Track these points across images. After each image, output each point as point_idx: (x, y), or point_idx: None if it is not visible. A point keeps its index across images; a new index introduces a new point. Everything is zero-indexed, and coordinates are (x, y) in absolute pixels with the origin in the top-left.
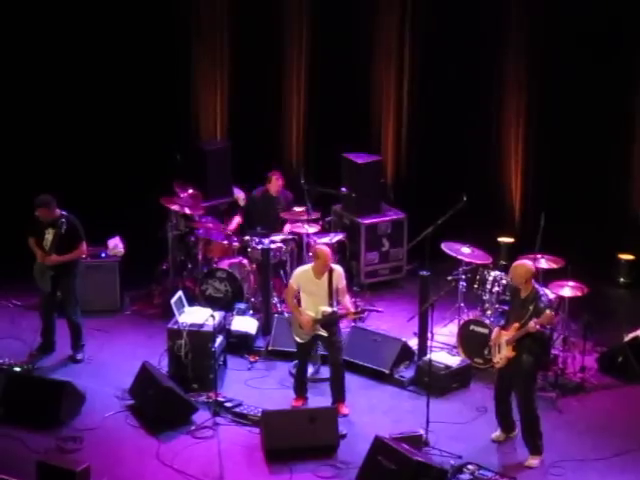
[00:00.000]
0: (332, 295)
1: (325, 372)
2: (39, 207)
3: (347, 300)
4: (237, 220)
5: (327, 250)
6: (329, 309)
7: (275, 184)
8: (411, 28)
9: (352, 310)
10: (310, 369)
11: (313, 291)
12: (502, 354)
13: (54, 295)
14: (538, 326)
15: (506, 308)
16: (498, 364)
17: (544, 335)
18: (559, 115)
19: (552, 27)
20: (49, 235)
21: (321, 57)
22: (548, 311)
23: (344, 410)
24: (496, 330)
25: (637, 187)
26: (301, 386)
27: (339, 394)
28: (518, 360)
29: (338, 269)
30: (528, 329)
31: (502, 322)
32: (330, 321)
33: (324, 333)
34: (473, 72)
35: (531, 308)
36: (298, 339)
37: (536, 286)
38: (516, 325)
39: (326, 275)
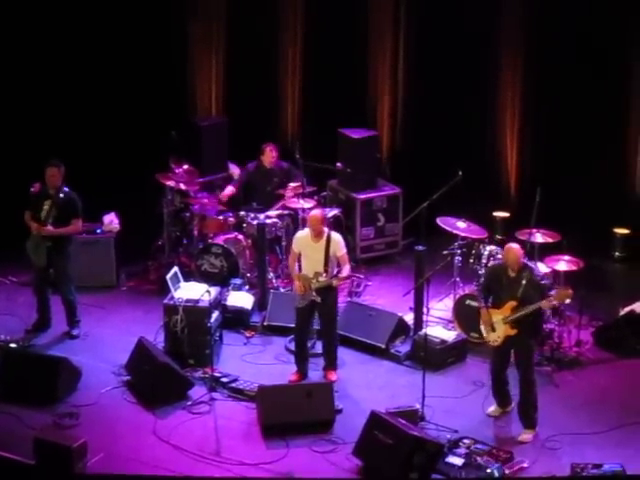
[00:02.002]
0: (328, 260)
1: (321, 347)
2: (51, 166)
3: (346, 269)
4: (230, 189)
5: (318, 214)
6: (322, 273)
7: (269, 155)
8: (407, 3)
9: (342, 275)
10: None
11: (310, 255)
12: (499, 333)
13: (47, 270)
14: (555, 302)
15: None
16: (495, 343)
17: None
18: (555, 90)
19: (549, 4)
20: (46, 206)
21: (317, 32)
22: (563, 289)
23: (331, 376)
24: (484, 311)
25: (632, 161)
26: (299, 360)
27: (328, 362)
28: (518, 336)
29: (336, 237)
30: (542, 306)
31: (483, 303)
32: (323, 286)
33: (317, 299)
34: (469, 48)
35: (524, 282)
36: (296, 304)
37: (524, 261)
38: (513, 303)
39: (324, 240)
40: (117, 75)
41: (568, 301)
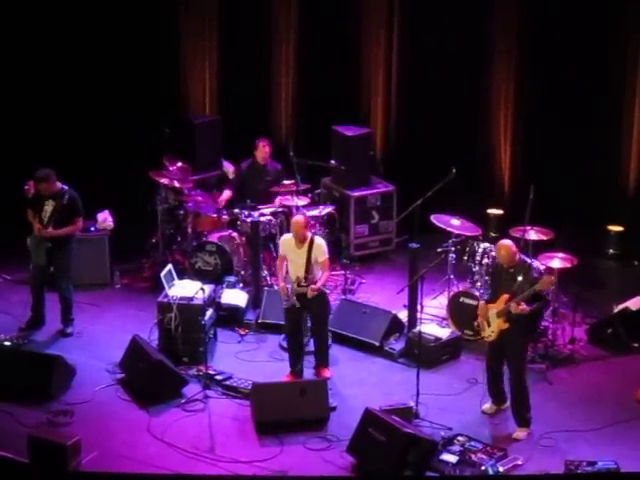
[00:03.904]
0: (309, 266)
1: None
2: (39, 182)
3: (322, 276)
4: (227, 194)
5: (300, 219)
6: (302, 279)
7: (262, 151)
8: (400, 0)
9: (315, 287)
10: None
11: (293, 259)
12: (493, 327)
13: (46, 269)
14: (523, 306)
15: None
16: (490, 337)
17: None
18: (549, 87)
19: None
20: (48, 207)
21: (310, 29)
22: (546, 277)
23: (325, 373)
24: (482, 304)
25: (626, 159)
26: (293, 360)
27: (319, 360)
28: (510, 332)
29: (319, 242)
30: (516, 309)
31: (486, 296)
32: (301, 292)
33: (297, 304)
34: (462, 45)
35: (520, 278)
36: (283, 304)
37: (523, 257)
38: (505, 296)
39: (307, 245)
40: (110, 72)
41: (552, 288)
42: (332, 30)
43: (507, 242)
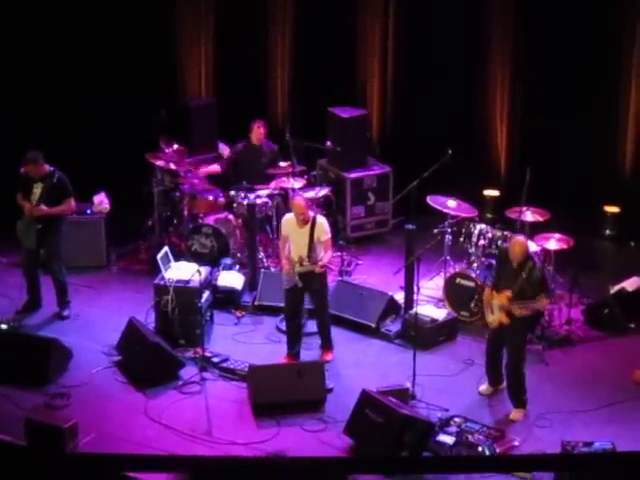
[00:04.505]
0: (312, 246)
1: (311, 326)
2: (26, 164)
3: (325, 255)
4: (214, 167)
5: (300, 200)
6: (305, 258)
7: (257, 132)
8: None
9: (322, 262)
10: None
11: (295, 239)
12: (495, 316)
13: (37, 252)
14: (523, 310)
15: (492, 261)
16: (492, 325)
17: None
18: (544, 68)
19: None
20: (37, 189)
21: (306, 11)
22: (545, 299)
23: (326, 356)
24: (487, 291)
25: (622, 139)
26: (290, 342)
27: (323, 342)
28: (512, 324)
29: (321, 222)
30: (517, 312)
31: (488, 281)
32: (305, 271)
33: (299, 284)
34: (459, 26)
35: (523, 276)
36: (284, 285)
37: (530, 255)
38: (508, 294)
39: (309, 225)
40: (107, 56)
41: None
42: (329, 13)
43: (522, 239)
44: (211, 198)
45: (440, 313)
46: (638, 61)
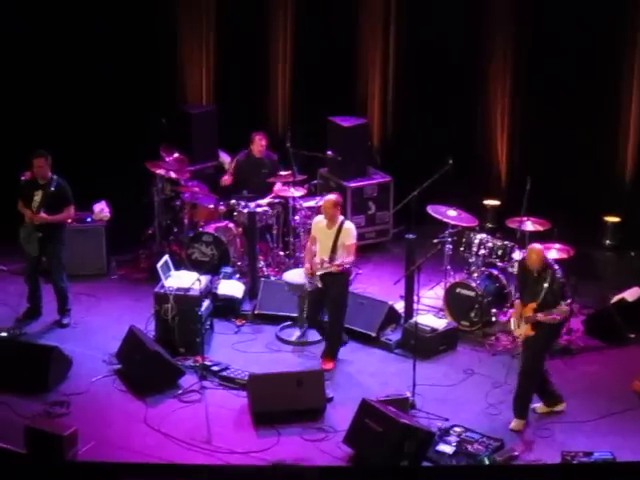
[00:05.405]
0: (335, 248)
1: (312, 335)
2: (38, 157)
3: (343, 258)
4: (228, 179)
5: (331, 198)
6: (326, 260)
7: (258, 144)
8: None
9: (338, 262)
10: (297, 332)
11: (322, 240)
12: (522, 330)
13: (39, 259)
14: (550, 316)
15: (493, 271)
16: (519, 338)
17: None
18: (545, 78)
19: None
20: (37, 197)
21: (307, 20)
22: (564, 306)
23: (326, 366)
24: (517, 303)
25: (623, 149)
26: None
27: (327, 350)
28: (534, 337)
29: (348, 226)
30: (543, 319)
31: (517, 295)
32: (324, 271)
33: (319, 284)
34: (460, 35)
35: (545, 286)
36: (306, 286)
37: (549, 262)
38: (533, 305)
39: (336, 228)
40: (107, 62)
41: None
42: (330, 22)
43: (538, 246)
44: (211, 206)
45: (440, 323)
46: (638, 72)
